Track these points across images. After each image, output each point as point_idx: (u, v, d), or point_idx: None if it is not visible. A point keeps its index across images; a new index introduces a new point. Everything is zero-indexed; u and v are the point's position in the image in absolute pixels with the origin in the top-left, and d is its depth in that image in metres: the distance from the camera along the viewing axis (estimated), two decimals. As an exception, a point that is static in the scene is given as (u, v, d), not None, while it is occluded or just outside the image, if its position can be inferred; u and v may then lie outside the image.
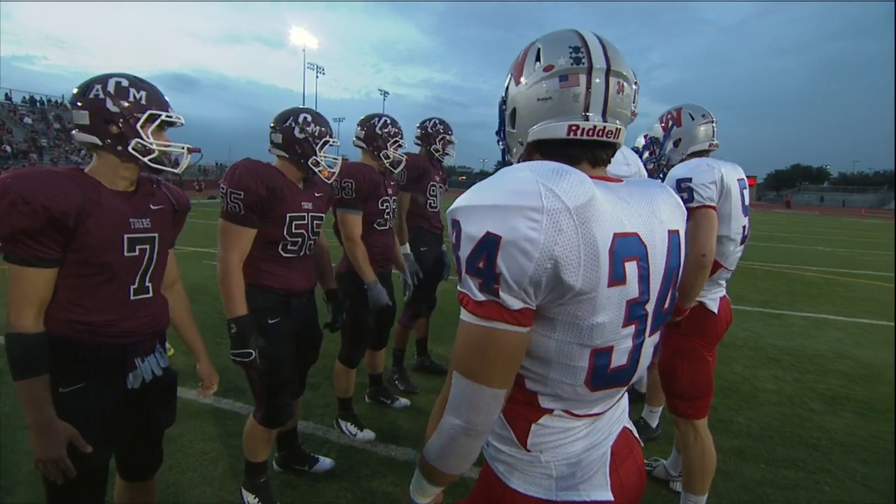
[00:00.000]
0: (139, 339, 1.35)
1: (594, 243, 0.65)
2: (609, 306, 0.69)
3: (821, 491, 2.26)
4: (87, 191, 1.21)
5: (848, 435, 2.78)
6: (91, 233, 1.20)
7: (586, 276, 0.65)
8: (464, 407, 0.71)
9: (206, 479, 2.19)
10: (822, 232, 18.91)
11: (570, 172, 0.67)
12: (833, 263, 9.87)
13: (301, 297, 1.97)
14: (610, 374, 0.75)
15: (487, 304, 0.66)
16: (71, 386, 1.25)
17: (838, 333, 4.85)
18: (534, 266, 0.63)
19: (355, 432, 2.57)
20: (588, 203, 0.65)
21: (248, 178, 1.73)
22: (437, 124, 3.16)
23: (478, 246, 0.65)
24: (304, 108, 1.94)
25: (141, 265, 1.33)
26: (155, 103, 1.30)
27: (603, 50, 0.75)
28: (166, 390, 1.48)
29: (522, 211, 0.63)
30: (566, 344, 0.71)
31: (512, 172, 0.68)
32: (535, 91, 0.77)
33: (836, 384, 3.54)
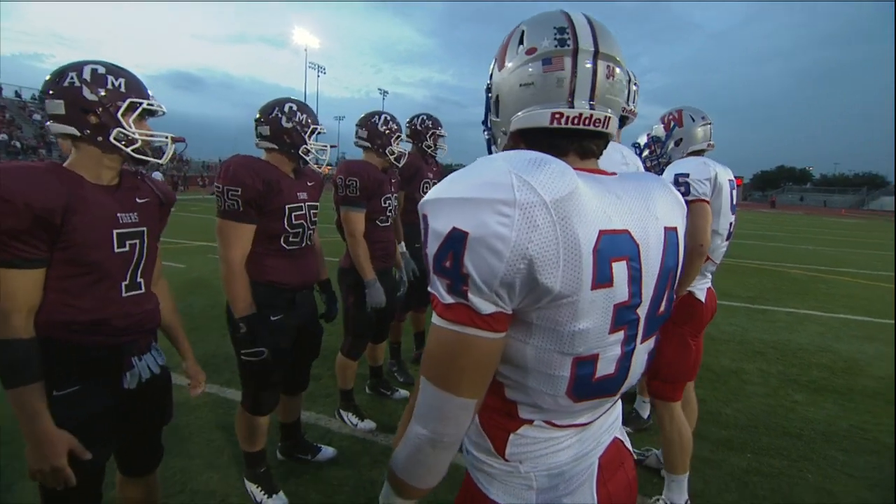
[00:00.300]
0: (134, 336, 1.30)
1: (575, 241, 0.58)
2: (593, 311, 0.62)
3: (804, 479, 2.36)
4: (70, 186, 1.14)
5: (829, 425, 2.90)
6: (78, 230, 1.14)
7: (566, 278, 0.59)
8: (431, 416, 0.65)
9: (212, 465, 2.22)
10: (806, 231, 19.34)
11: (550, 162, 0.60)
12: (816, 261, 10.12)
13: (304, 291, 1.98)
14: (595, 384, 0.69)
15: (456, 308, 0.60)
16: (65, 389, 1.19)
17: (820, 328, 5.01)
18: (505, 266, 0.57)
19: (356, 422, 2.62)
20: (569, 196, 0.58)
21: (244, 174, 1.71)
22: (426, 120, 3.16)
23: (444, 243, 0.59)
24: (288, 98, 1.91)
25: (132, 261, 1.28)
26: (135, 91, 1.23)
27: (591, 30, 0.69)
28: (163, 388, 1.44)
29: (492, 204, 0.56)
30: (545, 351, 0.64)
31: (486, 162, 0.62)
32: (517, 76, 0.71)
33: (818, 376, 3.67)
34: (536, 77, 0.69)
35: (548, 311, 0.61)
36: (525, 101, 0.71)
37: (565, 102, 0.68)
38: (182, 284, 5.50)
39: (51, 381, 1.16)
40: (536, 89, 0.69)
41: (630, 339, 0.69)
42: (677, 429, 1.99)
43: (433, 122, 3.17)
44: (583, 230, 0.59)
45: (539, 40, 0.69)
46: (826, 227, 22.75)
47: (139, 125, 1.25)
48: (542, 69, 0.69)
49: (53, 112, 1.17)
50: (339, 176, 2.39)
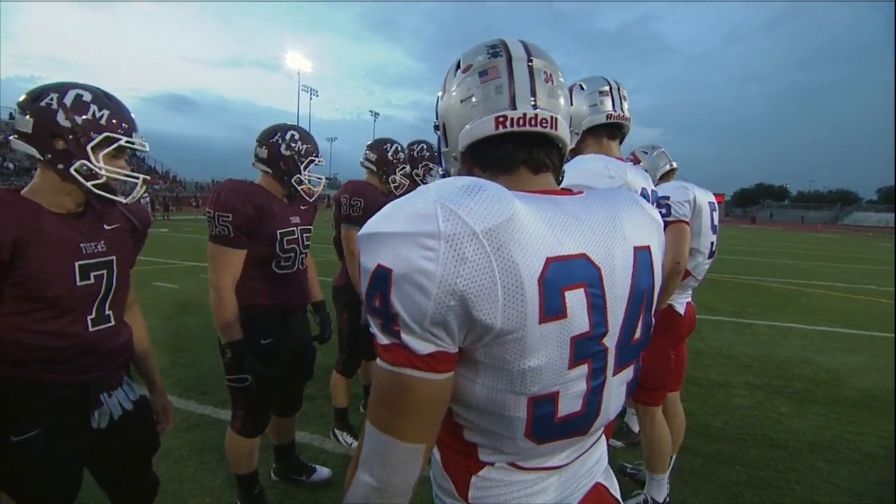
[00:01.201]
0: (103, 372, 1.21)
1: (515, 271, 0.54)
2: (544, 345, 0.57)
3: (792, 490, 2.41)
4: (24, 217, 1.06)
5: (813, 436, 2.97)
6: (32, 265, 1.05)
7: (507, 313, 0.54)
8: (375, 462, 0.59)
9: (204, 489, 2.18)
10: (785, 246, 19.87)
11: (485, 188, 0.56)
12: (795, 275, 10.40)
13: (295, 315, 1.98)
14: (558, 425, 0.63)
15: (393, 348, 0.56)
16: (24, 433, 1.08)
17: (802, 341, 5.14)
18: (433, 304, 0.52)
19: (351, 442, 2.60)
20: (505, 223, 0.54)
21: (235, 200, 1.70)
22: (424, 150, 3.19)
23: (371, 281, 0.55)
24: (293, 126, 1.92)
25: (98, 293, 1.18)
26: (118, 125, 1.15)
27: (523, 44, 0.70)
28: (140, 419, 1.34)
29: (415, 238, 0.53)
30: (496, 391, 0.59)
31: (416, 193, 0.58)
32: (456, 95, 0.71)
33: (801, 388, 3.76)
34: (475, 89, 0.69)
35: (493, 348, 0.57)
36: (468, 115, 0.70)
37: (507, 107, 0.67)
38: (174, 305, 5.43)
39: (8, 425, 1.07)
40: (477, 100, 0.69)
41: (597, 372, 0.63)
42: (657, 431, 2.09)
43: (430, 155, 3.26)
44: (524, 259, 0.54)
45: (473, 58, 0.71)
46: (804, 242, 23.40)
47: (113, 161, 1.17)
48: (479, 81, 0.69)
49: (20, 129, 1.10)
50: (344, 195, 2.45)
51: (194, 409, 2.91)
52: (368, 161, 2.62)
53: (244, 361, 1.72)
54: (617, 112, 1.61)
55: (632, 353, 0.69)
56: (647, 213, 0.73)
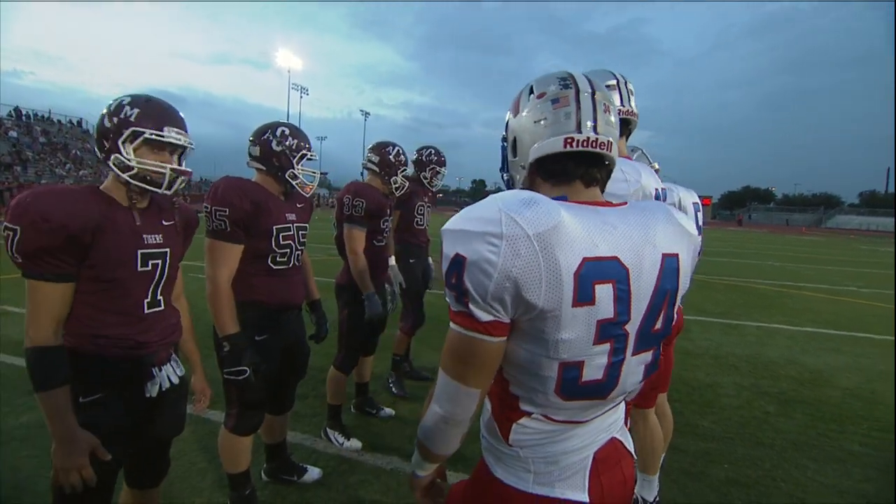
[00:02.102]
0: (154, 349, 1.38)
1: (556, 266, 0.70)
2: (575, 324, 0.73)
3: (778, 487, 2.46)
4: (102, 208, 1.25)
5: (799, 435, 3.03)
6: (105, 249, 1.23)
7: (548, 296, 0.70)
8: (444, 399, 0.81)
9: (195, 489, 2.16)
10: (771, 248, 20.22)
11: (540, 202, 0.72)
12: (781, 277, 10.59)
13: (291, 312, 1.99)
14: (582, 387, 0.78)
15: (462, 315, 0.75)
16: (90, 396, 1.28)
17: (788, 341, 5.23)
18: (493, 284, 0.70)
19: (343, 441, 2.59)
20: (551, 230, 0.70)
21: (232, 195, 1.73)
22: (432, 154, 3.37)
23: (450, 264, 0.73)
24: (284, 122, 1.95)
25: (153, 279, 1.36)
26: (148, 121, 1.29)
27: (587, 80, 0.86)
28: (178, 399, 1.49)
29: (483, 236, 0.70)
30: (535, 355, 0.76)
31: (486, 201, 0.76)
32: (531, 116, 0.86)
33: (787, 388, 3.83)
34: (548, 113, 0.84)
35: (536, 322, 0.73)
36: (540, 133, 0.85)
37: (574, 130, 0.82)
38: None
39: (77, 388, 1.25)
40: (549, 123, 0.84)
41: (618, 350, 0.79)
42: (651, 433, 2.11)
43: (437, 159, 3.37)
44: (564, 257, 0.70)
45: (546, 87, 0.86)
46: (789, 244, 23.83)
47: (147, 154, 1.31)
48: (552, 107, 0.84)
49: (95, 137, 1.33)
50: (347, 195, 2.50)
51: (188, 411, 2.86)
52: (371, 163, 2.67)
53: (243, 354, 1.74)
54: (625, 107, 1.60)
55: (651, 340, 0.83)
56: (680, 226, 0.86)
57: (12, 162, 27.64)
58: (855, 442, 2.95)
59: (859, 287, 9.59)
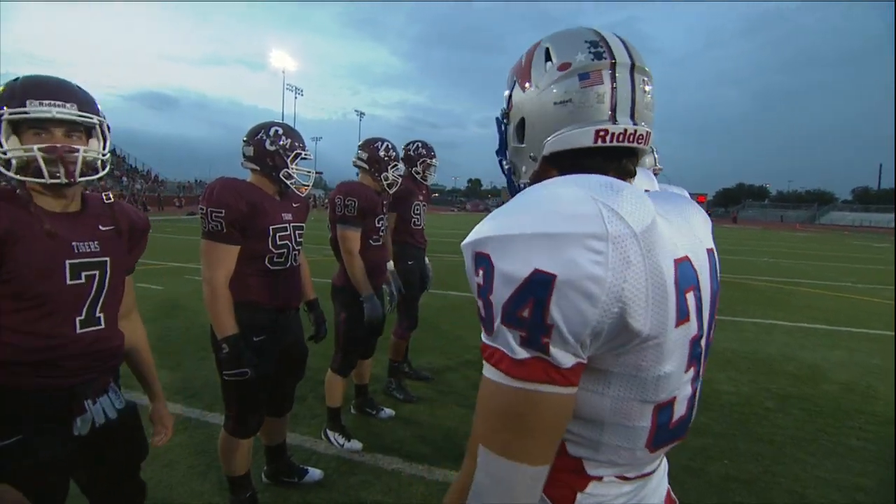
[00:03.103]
0: (89, 377, 1.18)
1: (661, 275, 0.51)
2: (676, 350, 0.56)
3: (778, 483, 2.46)
4: (15, 213, 1.05)
5: (797, 430, 3.04)
6: (22, 260, 1.04)
7: (654, 318, 0.52)
8: (498, 493, 0.54)
9: (194, 493, 2.14)
10: (766, 244, 20.32)
11: (625, 187, 0.53)
12: (777, 273, 10.65)
13: (288, 313, 1.97)
14: (671, 430, 0.61)
15: (530, 363, 0.50)
16: (8, 438, 1.07)
17: (785, 337, 5.26)
18: (599, 312, 0.49)
19: (343, 443, 2.58)
20: (652, 225, 0.51)
21: (227, 196, 1.71)
22: (420, 147, 3.29)
23: (521, 289, 0.49)
24: (277, 122, 1.94)
25: (89, 294, 1.17)
26: (11, 101, 1.05)
27: (623, 45, 0.63)
28: (127, 427, 1.30)
29: (581, 240, 0.48)
30: (624, 401, 0.56)
31: (553, 189, 0.53)
32: (549, 95, 0.64)
33: (785, 384, 3.85)
34: (574, 93, 0.62)
35: (628, 355, 0.54)
36: (562, 120, 0.64)
37: (607, 118, 0.62)
38: (158, 306, 5.31)
39: None
40: (575, 107, 0.62)
41: (698, 374, 0.63)
42: None
43: (426, 151, 3.30)
44: (665, 262, 0.52)
45: (572, 55, 0.63)
46: (784, 240, 23.97)
47: (32, 139, 1.07)
48: (579, 84, 0.62)
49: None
50: (338, 196, 2.46)
51: (182, 413, 2.85)
52: (360, 160, 2.62)
53: (243, 355, 1.72)
54: None
55: (707, 354, 0.67)
56: (703, 213, 0.71)
57: (4, 164, 27.51)
58: (852, 436, 2.97)
59: (854, 283, 9.66)
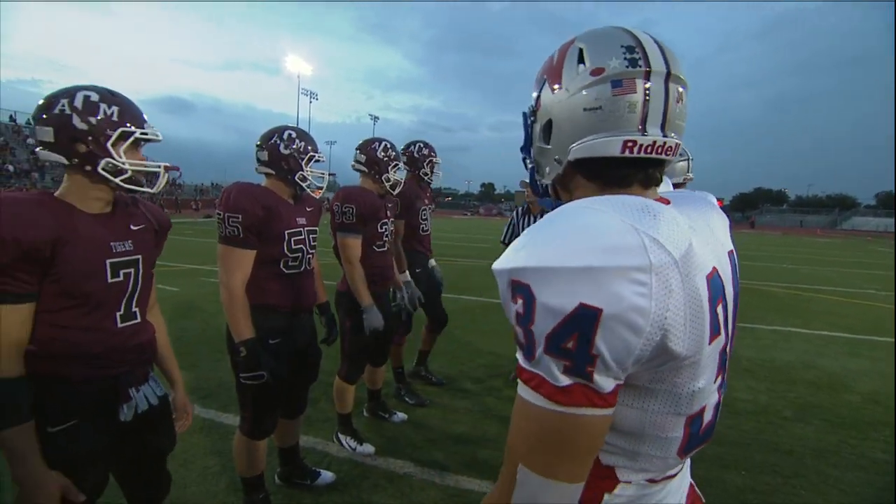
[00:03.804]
0: (130, 367, 1.27)
1: (698, 297, 0.53)
2: (708, 365, 0.58)
3: (798, 495, 2.40)
4: (60, 217, 1.12)
5: (818, 441, 2.96)
6: (70, 261, 1.11)
7: (691, 339, 0.53)
8: None
9: (209, 493, 2.17)
10: (785, 250, 19.89)
11: (661, 210, 0.54)
12: (796, 279, 10.41)
13: (302, 316, 1.99)
14: (700, 437, 0.64)
15: (573, 389, 0.52)
16: (60, 425, 1.14)
17: (804, 345, 5.13)
18: (643, 341, 0.50)
19: (355, 446, 2.59)
20: (689, 249, 0.52)
21: (244, 200, 1.73)
22: (423, 148, 3.21)
23: (566, 322, 0.50)
24: (289, 126, 1.94)
25: (126, 290, 1.24)
26: (129, 118, 1.19)
27: (660, 50, 0.62)
28: (162, 416, 1.39)
29: (626, 272, 0.49)
30: (658, 414, 0.58)
31: (589, 217, 0.53)
32: (579, 100, 0.63)
33: (804, 393, 3.75)
34: (605, 101, 0.62)
35: (666, 374, 0.56)
36: (590, 126, 0.63)
37: (636, 129, 0.61)
38: (174, 308, 5.41)
39: (45, 417, 1.12)
40: (605, 114, 0.62)
41: (724, 381, 0.64)
42: None
43: (429, 150, 3.22)
44: (700, 282, 0.53)
45: (605, 59, 0.62)
46: (803, 246, 23.44)
47: (132, 154, 1.22)
48: (611, 92, 0.61)
49: (43, 139, 1.15)
50: (336, 202, 2.40)
51: (197, 413, 2.89)
52: (359, 163, 2.54)
53: (260, 358, 1.74)
54: None
55: (730, 357, 0.68)
56: (722, 215, 0.71)
57: (31, 168, 28.40)
58: (877, 449, 2.88)
59: (877, 290, 9.40)
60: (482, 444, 2.73)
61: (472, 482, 2.35)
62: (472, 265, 10.30)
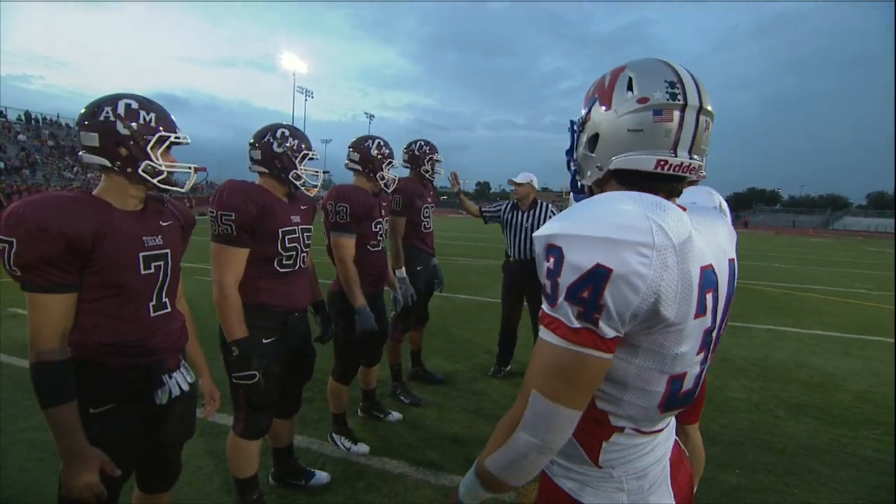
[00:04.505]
0: (163, 355, 1.37)
1: (689, 279, 0.67)
2: (691, 336, 0.72)
3: (791, 494, 2.42)
4: (99, 213, 1.22)
5: (810, 440, 2.99)
6: (107, 254, 1.22)
7: (679, 310, 0.68)
8: (541, 426, 0.71)
9: (202, 494, 2.15)
10: (778, 250, 20.06)
11: (670, 207, 0.69)
12: (789, 279, 10.50)
13: (297, 315, 1.98)
14: (680, 398, 0.78)
15: (582, 332, 0.67)
16: (101, 406, 1.26)
17: (797, 344, 5.18)
18: (639, 300, 0.65)
19: (350, 446, 2.58)
20: (688, 239, 0.67)
21: (237, 199, 1.72)
22: (424, 146, 3.21)
23: (584, 276, 0.65)
24: (282, 124, 1.93)
25: (157, 282, 1.35)
26: (163, 124, 1.31)
27: (696, 87, 0.75)
28: (188, 404, 1.48)
29: (634, 246, 0.64)
30: (646, 370, 0.73)
31: (614, 204, 0.69)
32: (626, 121, 0.77)
33: (797, 392, 3.79)
34: (647, 125, 0.76)
35: (657, 336, 0.70)
36: (630, 144, 0.77)
37: (669, 151, 0.76)
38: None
39: (87, 400, 1.22)
40: (645, 136, 0.76)
41: (706, 358, 0.80)
42: (691, 450, 1.97)
43: (430, 148, 3.22)
44: (693, 268, 0.68)
45: (651, 91, 0.75)
46: (796, 246, 23.64)
47: (165, 157, 1.33)
48: (652, 119, 0.75)
49: (87, 143, 1.24)
50: (329, 202, 2.37)
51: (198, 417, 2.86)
52: (352, 161, 2.51)
53: (252, 358, 1.73)
54: None
55: (717, 343, 0.84)
56: (730, 228, 0.86)
57: (21, 165, 28.06)
58: (868, 447, 2.91)
59: (868, 289, 9.50)
60: (477, 443, 2.73)
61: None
62: (469, 264, 10.30)
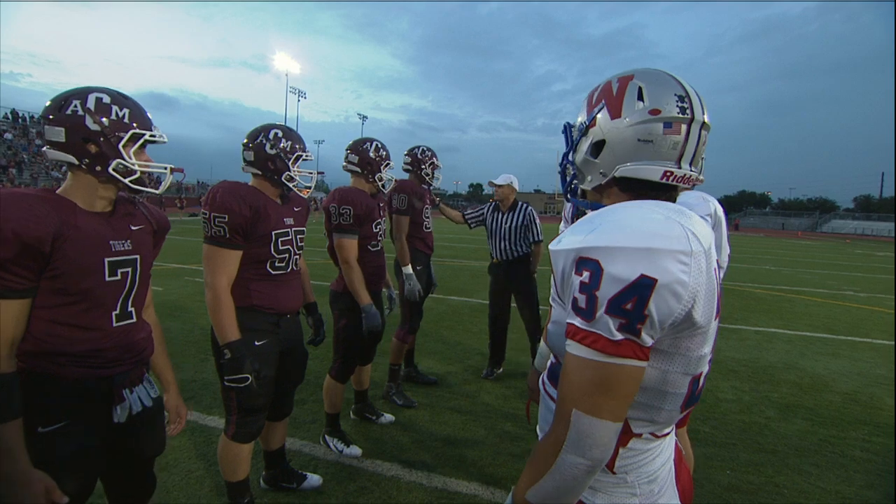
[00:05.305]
0: (125, 368, 1.26)
1: (713, 282, 0.69)
2: (712, 337, 0.74)
3: (781, 494, 2.44)
4: (62, 213, 1.11)
5: (800, 440, 3.02)
6: (69, 258, 1.11)
7: (706, 313, 0.69)
8: (587, 444, 0.69)
9: (192, 498, 2.12)
10: (767, 252, 20.29)
11: (691, 213, 0.71)
12: (778, 281, 10.61)
13: (289, 317, 1.96)
14: (696, 396, 0.79)
15: (625, 343, 0.66)
16: (52, 425, 1.13)
17: (786, 346, 5.23)
18: (681, 307, 0.65)
19: (342, 448, 2.56)
20: (712, 245, 0.70)
21: (231, 200, 1.70)
22: (426, 150, 3.37)
23: (628, 288, 0.64)
24: (276, 124, 1.91)
25: (123, 290, 1.24)
26: (138, 121, 1.22)
27: (700, 102, 0.78)
28: (154, 418, 1.38)
29: (674, 254, 0.65)
30: (671, 373, 0.73)
31: (644, 212, 0.70)
32: (636, 131, 0.78)
33: (787, 393, 3.82)
34: (656, 137, 0.77)
35: (684, 340, 0.71)
36: (638, 154, 0.79)
37: (674, 163, 0.78)
38: (158, 308, 5.23)
39: (36, 417, 1.11)
40: (654, 147, 0.78)
41: (713, 354, 0.81)
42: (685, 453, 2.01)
43: (431, 153, 3.37)
44: (715, 272, 0.70)
45: (662, 103, 0.77)
46: (785, 248, 23.92)
47: (139, 156, 1.24)
48: (662, 131, 0.77)
49: (52, 139, 1.14)
50: (332, 204, 2.41)
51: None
52: (351, 163, 2.55)
53: (244, 361, 1.71)
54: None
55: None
56: (706, 224, 0.87)
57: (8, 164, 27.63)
58: (856, 447, 2.94)
59: (856, 291, 9.63)
60: (470, 445, 2.72)
61: (460, 484, 2.34)
62: (461, 266, 10.29)
